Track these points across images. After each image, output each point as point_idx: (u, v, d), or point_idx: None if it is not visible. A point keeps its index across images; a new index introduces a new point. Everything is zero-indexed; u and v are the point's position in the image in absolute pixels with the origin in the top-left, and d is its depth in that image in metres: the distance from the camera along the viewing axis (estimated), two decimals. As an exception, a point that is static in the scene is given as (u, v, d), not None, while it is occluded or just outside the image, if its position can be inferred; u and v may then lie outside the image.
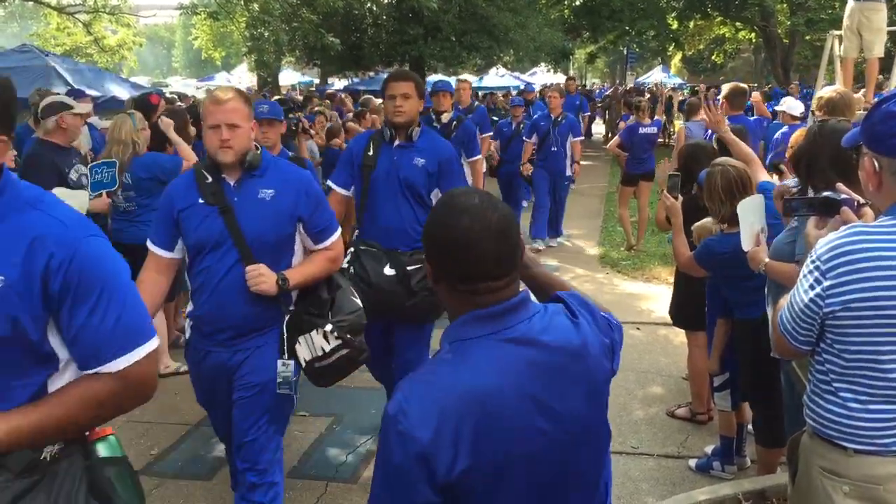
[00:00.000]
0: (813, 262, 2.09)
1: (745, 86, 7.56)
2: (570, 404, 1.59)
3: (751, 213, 3.28)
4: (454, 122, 7.16)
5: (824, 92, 5.06)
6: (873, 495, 2.09)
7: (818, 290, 2.06)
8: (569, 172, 10.03)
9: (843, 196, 2.26)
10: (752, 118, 7.94)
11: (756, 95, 8.42)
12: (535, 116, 10.63)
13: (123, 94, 13.38)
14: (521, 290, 1.64)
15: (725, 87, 7.28)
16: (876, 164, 2.07)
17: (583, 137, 10.84)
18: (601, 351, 1.67)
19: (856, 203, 2.24)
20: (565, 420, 1.58)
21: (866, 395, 2.08)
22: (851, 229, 2.07)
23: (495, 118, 12.24)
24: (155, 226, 3.29)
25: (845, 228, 2.09)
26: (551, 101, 9.96)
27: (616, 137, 10.48)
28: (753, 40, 33.06)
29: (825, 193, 2.36)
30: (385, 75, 27.66)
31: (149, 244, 3.25)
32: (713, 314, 4.26)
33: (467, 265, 1.56)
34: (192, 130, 6.53)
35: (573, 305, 1.70)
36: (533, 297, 1.72)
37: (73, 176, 5.28)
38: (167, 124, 5.78)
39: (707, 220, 4.12)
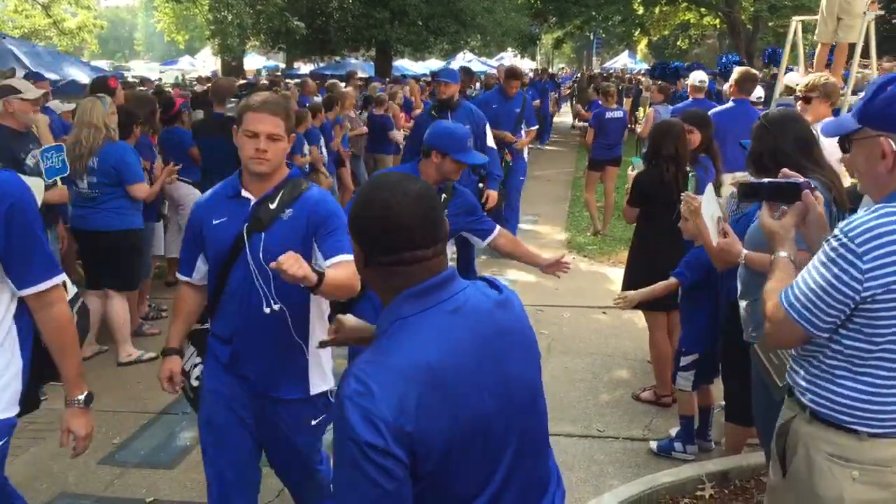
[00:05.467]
0: (841, 244, 2.00)
1: (755, 71, 7.54)
2: (513, 368, 1.66)
3: (710, 205, 3.25)
4: None
5: (815, 77, 5.11)
6: (883, 479, 2.06)
7: (854, 272, 1.98)
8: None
9: (803, 180, 2.23)
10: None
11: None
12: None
13: (83, 77, 13.16)
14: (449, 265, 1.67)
15: (736, 72, 7.06)
16: (892, 144, 2.05)
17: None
18: (526, 316, 1.76)
19: (811, 187, 2.21)
20: (511, 384, 1.64)
21: (892, 378, 2.04)
22: (878, 211, 2.02)
23: None
24: None
25: (871, 211, 2.04)
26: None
27: (589, 129, 10.18)
28: (718, 26, 33.26)
29: (775, 180, 2.33)
30: (352, 60, 27.39)
31: None
32: (689, 282, 4.19)
33: (392, 235, 1.58)
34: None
35: (495, 280, 1.79)
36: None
37: (29, 162, 5.15)
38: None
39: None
